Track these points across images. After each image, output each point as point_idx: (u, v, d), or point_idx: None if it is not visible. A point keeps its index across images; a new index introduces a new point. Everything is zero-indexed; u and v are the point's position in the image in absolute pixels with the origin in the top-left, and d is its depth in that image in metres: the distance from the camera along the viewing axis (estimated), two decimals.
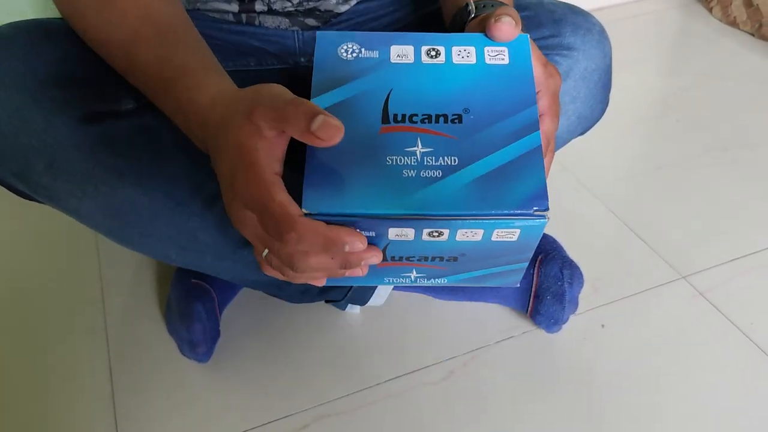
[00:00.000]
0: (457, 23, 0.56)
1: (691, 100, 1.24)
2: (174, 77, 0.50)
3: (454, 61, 0.46)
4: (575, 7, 0.69)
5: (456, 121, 0.44)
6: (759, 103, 1.23)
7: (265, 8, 0.71)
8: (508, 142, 0.43)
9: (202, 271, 0.71)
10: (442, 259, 0.46)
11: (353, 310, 0.82)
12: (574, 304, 0.79)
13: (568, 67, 0.65)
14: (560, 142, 0.71)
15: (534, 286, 0.79)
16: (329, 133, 0.39)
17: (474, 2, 0.56)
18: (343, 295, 0.77)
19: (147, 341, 0.80)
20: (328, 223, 0.41)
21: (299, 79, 0.74)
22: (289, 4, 0.71)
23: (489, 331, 0.80)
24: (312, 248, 0.41)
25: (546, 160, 0.48)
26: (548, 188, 0.42)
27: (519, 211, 0.41)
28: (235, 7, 0.71)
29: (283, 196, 0.41)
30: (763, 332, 0.80)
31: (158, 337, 0.80)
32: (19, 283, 0.88)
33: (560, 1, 0.70)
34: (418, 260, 0.46)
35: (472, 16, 0.54)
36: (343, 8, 0.75)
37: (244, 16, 0.72)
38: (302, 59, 0.74)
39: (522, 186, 0.41)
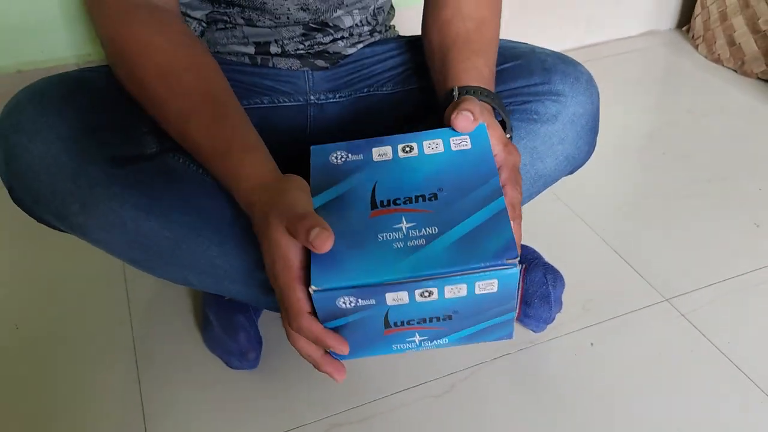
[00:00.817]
0: (442, 106, 0.63)
1: (677, 134, 1.29)
2: (221, 152, 0.58)
3: (426, 152, 0.54)
4: (565, 56, 0.74)
5: (432, 198, 0.51)
6: (741, 137, 1.28)
7: (279, 50, 0.77)
8: (478, 209, 0.50)
9: (221, 294, 0.76)
10: (438, 319, 0.51)
11: None
12: (559, 303, 0.85)
13: (556, 111, 0.70)
14: (550, 181, 0.76)
15: (520, 292, 0.84)
16: (321, 242, 0.48)
17: (458, 88, 0.62)
18: None
19: (173, 357, 0.85)
20: (334, 296, 0.49)
21: (309, 114, 0.81)
22: (302, 46, 0.77)
23: (487, 348, 0.85)
24: (306, 337, 0.52)
25: (515, 225, 0.54)
26: (541, 216, 0.49)
27: (493, 263, 0.47)
28: (251, 50, 0.77)
29: (301, 292, 0.51)
30: (738, 350, 0.85)
31: (183, 352, 0.86)
32: (52, 306, 0.94)
33: (551, 51, 0.75)
34: (417, 323, 0.52)
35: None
36: (350, 51, 0.81)
37: (259, 58, 0.78)
38: (312, 97, 0.80)
39: (493, 242, 0.48)
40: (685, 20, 1.67)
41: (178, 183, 0.64)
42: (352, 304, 0.49)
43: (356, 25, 0.80)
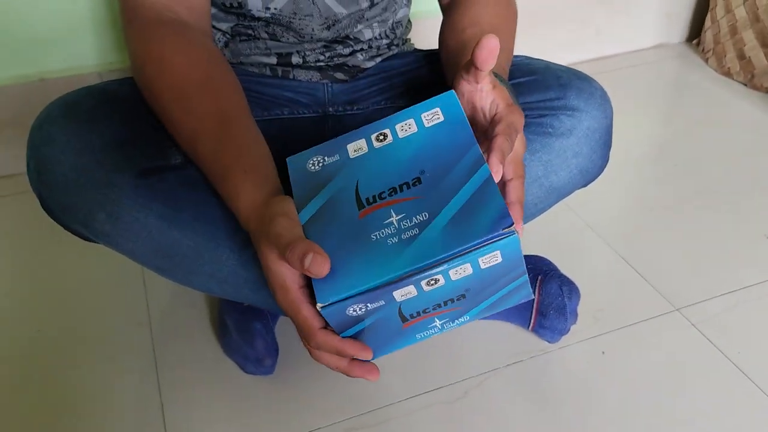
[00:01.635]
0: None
1: (687, 146, 1.31)
2: (221, 174, 0.59)
3: (400, 136, 0.53)
4: (580, 72, 0.75)
5: (416, 183, 0.50)
6: (750, 149, 1.29)
7: (301, 61, 0.79)
8: (463, 183, 0.49)
9: (241, 301, 0.77)
10: (452, 300, 0.50)
11: None
12: (574, 315, 0.86)
13: (571, 126, 0.71)
14: (564, 193, 0.77)
15: (536, 303, 0.86)
16: (317, 268, 0.47)
17: None
18: None
19: (190, 358, 0.87)
20: (343, 307, 0.48)
21: (327, 125, 0.83)
22: (323, 57, 0.79)
23: (499, 355, 0.87)
24: (327, 351, 0.53)
25: (517, 184, 0.54)
26: (552, 226, 0.50)
27: (490, 236, 0.46)
28: (273, 60, 0.79)
29: (306, 311, 0.52)
30: (748, 360, 0.86)
31: (201, 355, 0.88)
32: (73, 310, 0.96)
33: (565, 67, 0.76)
34: (433, 309, 0.51)
35: None
36: (369, 64, 0.83)
37: (280, 70, 0.79)
38: (330, 109, 0.82)
39: (485, 214, 0.47)
40: (695, 34, 1.69)
41: (199, 193, 0.66)
42: (363, 310, 0.49)
43: (375, 37, 0.82)
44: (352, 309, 0.49)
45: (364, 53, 0.82)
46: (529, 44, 1.10)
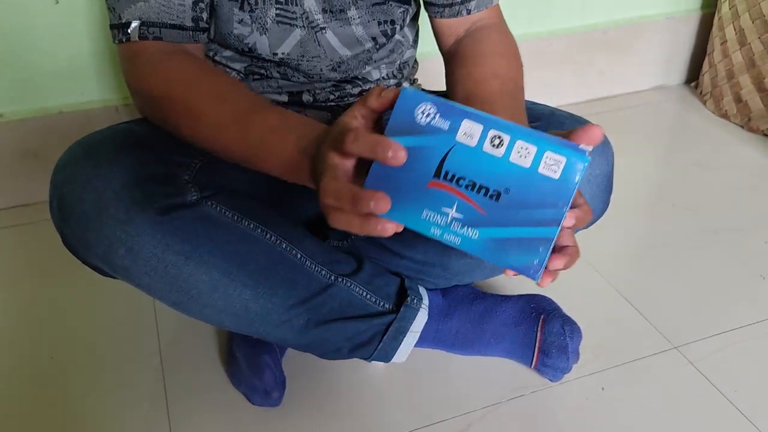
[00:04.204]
0: None
1: (685, 186, 1.33)
2: (279, 126, 0.62)
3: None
4: (582, 119, 0.78)
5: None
6: (747, 191, 1.32)
7: (311, 99, 0.82)
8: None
9: (252, 335, 0.79)
10: (487, 191, 0.49)
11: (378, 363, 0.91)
12: (576, 354, 0.87)
13: None
14: None
15: (538, 342, 0.88)
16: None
17: None
18: (369, 354, 0.85)
19: (199, 388, 0.89)
20: (418, 100, 0.50)
21: None
22: (333, 96, 0.83)
23: (502, 389, 0.88)
24: (362, 152, 0.49)
25: (574, 251, 0.55)
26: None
27: (568, 146, 0.48)
28: (285, 98, 0.82)
29: (351, 165, 0.52)
30: (745, 399, 0.87)
31: (211, 384, 0.89)
32: (85, 338, 0.98)
33: (568, 113, 0.79)
34: (466, 186, 0.50)
35: None
36: None
37: (292, 110, 0.83)
38: None
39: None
40: (693, 76, 1.73)
41: (214, 230, 0.69)
42: (429, 118, 0.49)
43: (383, 78, 0.85)
44: (422, 109, 0.49)
45: None
46: (531, 85, 1.13)
